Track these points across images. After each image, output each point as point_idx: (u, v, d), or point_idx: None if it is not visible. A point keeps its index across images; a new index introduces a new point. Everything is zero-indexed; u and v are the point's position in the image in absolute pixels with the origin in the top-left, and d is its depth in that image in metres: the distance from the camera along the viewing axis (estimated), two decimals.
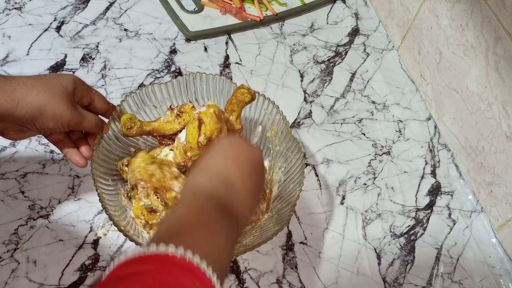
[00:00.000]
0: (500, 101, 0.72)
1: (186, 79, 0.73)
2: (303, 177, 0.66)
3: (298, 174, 0.67)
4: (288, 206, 0.65)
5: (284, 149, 0.71)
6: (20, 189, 0.72)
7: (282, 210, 0.67)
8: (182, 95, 0.74)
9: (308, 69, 0.93)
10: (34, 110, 0.54)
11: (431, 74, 0.88)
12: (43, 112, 0.55)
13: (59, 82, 0.57)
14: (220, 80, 0.73)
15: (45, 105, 0.55)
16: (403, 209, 0.79)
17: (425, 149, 0.86)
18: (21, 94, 0.53)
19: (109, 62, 0.87)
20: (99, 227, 0.70)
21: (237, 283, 0.68)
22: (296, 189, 0.66)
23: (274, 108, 0.71)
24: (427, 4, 0.85)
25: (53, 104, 0.55)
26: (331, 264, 0.72)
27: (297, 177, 0.67)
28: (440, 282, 0.73)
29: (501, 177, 0.74)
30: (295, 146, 0.69)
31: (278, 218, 0.66)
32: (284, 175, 0.70)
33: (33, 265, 0.66)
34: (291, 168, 0.69)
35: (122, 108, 0.69)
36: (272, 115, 0.72)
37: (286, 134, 0.70)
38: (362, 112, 0.89)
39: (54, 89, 0.56)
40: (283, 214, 0.65)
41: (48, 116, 0.55)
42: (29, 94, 0.54)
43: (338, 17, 1.02)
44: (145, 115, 0.73)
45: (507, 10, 0.67)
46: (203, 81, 0.73)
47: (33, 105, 0.54)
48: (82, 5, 0.95)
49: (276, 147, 0.73)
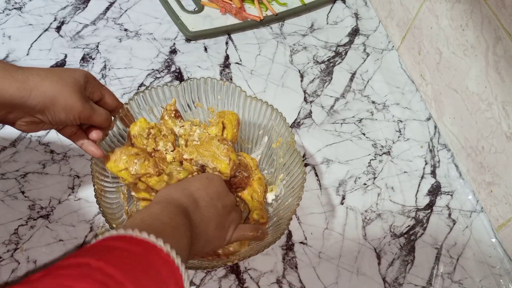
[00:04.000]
0: (500, 101, 0.72)
1: (197, 84, 0.72)
2: (302, 192, 0.65)
3: (298, 189, 0.66)
4: (284, 220, 0.65)
5: (288, 162, 0.70)
6: (20, 189, 0.72)
7: (277, 223, 0.67)
8: (190, 97, 0.73)
9: (308, 69, 0.93)
10: (47, 100, 0.54)
11: (431, 74, 0.88)
12: (55, 102, 0.55)
13: (72, 75, 0.57)
14: (230, 87, 0.72)
15: (57, 95, 0.55)
16: (403, 209, 0.79)
17: (425, 149, 0.86)
18: (34, 84, 0.53)
19: (109, 62, 0.87)
20: (99, 227, 0.70)
21: (237, 283, 0.68)
22: (294, 203, 0.65)
23: (281, 120, 0.71)
24: (427, 4, 0.85)
25: (65, 95, 0.55)
26: (331, 264, 0.72)
27: (297, 191, 0.66)
28: (440, 282, 0.73)
29: (501, 177, 0.74)
30: (298, 160, 0.68)
31: (273, 230, 0.66)
32: (285, 188, 0.70)
33: (33, 265, 0.66)
34: (292, 181, 0.69)
35: (130, 106, 0.69)
36: (279, 126, 0.71)
37: (291, 147, 0.69)
38: (362, 112, 0.89)
39: (66, 81, 0.56)
40: (278, 228, 0.65)
41: (60, 107, 0.55)
42: (42, 84, 0.54)
43: (338, 17, 1.02)
44: (153, 116, 0.73)
45: (507, 10, 0.67)
46: (208, 86, 0.73)
47: (46, 95, 0.54)
48: (82, 5, 0.95)
49: (280, 159, 0.72)
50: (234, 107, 0.74)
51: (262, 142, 0.75)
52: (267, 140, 0.74)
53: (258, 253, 0.61)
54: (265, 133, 0.74)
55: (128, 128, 0.68)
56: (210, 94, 0.73)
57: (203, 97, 0.74)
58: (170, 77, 0.87)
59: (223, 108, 0.74)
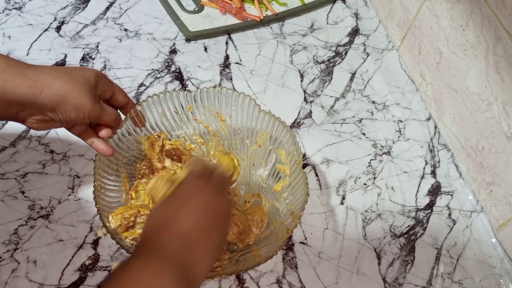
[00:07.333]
0: (500, 101, 0.72)
1: (213, 92, 0.72)
2: (302, 214, 0.64)
3: (299, 210, 0.65)
4: (282, 238, 0.64)
5: (293, 182, 0.69)
6: (20, 189, 0.72)
7: (275, 239, 0.66)
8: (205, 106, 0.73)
9: (308, 69, 0.93)
10: (58, 99, 0.54)
11: (431, 74, 0.88)
12: (66, 101, 0.55)
13: (82, 74, 0.57)
14: (246, 99, 0.72)
15: (68, 94, 0.55)
16: (403, 209, 0.79)
17: (425, 149, 0.86)
18: (45, 82, 0.53)
19: (109, 62, 0.87)
20: (99, 227, 0.70)
21: (237, 283, 0.68)
22: (292, 224, 0.64)
23: (293, 140, 0.69)
24: (427, 4, 0.85)
25: (76, 94, 0.55)
26: (331, 264, 0.72)
27: (297, 211, 0.65)
28: (440, 282, 0.73)
29: (501, 177, 0.74)
30: (302, 182, 0.66)
31: (270, 246, 0.65)
32: (286, 206, 0.69)
33: (33, 265, 0.66)
34: (294, 201, 0.67)
35: (142, 108, 0.69)
36: (288, 143, 0.70)
37: (298, 167, 0.68)
38: (362, 112, 0.89)
39: (77, 80, 0.56)
40: (275, 243, 0.64)
41: (71, 106, 0.56)
42: (53, 82, 0.54)
43: (338, 17, 1.02)
44: (165, 119, 0.73)
45: (507, 10, 0.67)
46: (223, 95, 0.72)
47: (57, 94, 0.54)
48: (82, 5, 0.95)
49: (286, 177, 0.71)
50: (247, 119, 0.73)
51: (270, 158, 0.74)
52: (275, 158, 0.73)
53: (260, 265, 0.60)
54: (273, 151, 0.73)
55: (137, 128, 0.69)
56: (224, 104, 0.73)
57: (216, 105, 0.73)
58: (170, 77, 0.87)
59: (236, 118, 0.73)
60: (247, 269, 0.61)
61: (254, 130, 0.73)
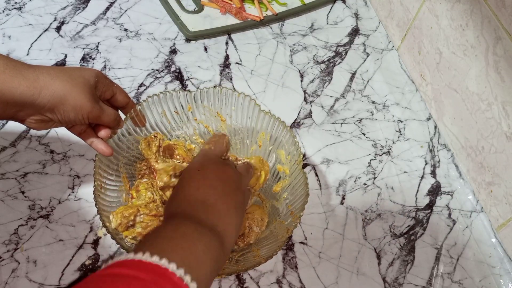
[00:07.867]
0: (500, 101, 0.72)
1: (213, 92, 0.72)
2: (302, 214, 0.64)
3: (299, 210, 0.65)
4: (281, 238, 0.64)
5: (293, 182, 0.69)
6: (20, 189, 0.72)
7: (274, 239, 0.66)
8: (205, 106, 0.73)
9: (308, 69, 0.93)
10: (57, 99, 0.54)
11: (431, 74, 0.88)
12: (65, 102, 0.55)
13: (82, 75, 0.57)
14: (246, 99, 0.71)
15: (67, 95, 0.55)
16: (403, 209, 0.79)
17: (425, 149, 0.86)
18: (44, 83, 0.53)
19: (109, 62, 0.87)
20: (99, 227, 0.70)
21: (237, 283, 0.68)
22: (292, 224, 0.64)
23: (293, 140, 0.69)
24: (427, 4, 0.85)
25: (75, 95, 0.55)
26: (331, 264, 0.72)
27: (297, 211, 0.65)
28: (440, 282, 0.73)
29: (501, 177, 0.74)
30: (302, 182, 0.67)
31: (270, 246, 0.65)
32: (286, 206, 0.69)
33: (33, 265, 0.66)
34: (294, 201, 0.68)
35: (142, 108, 0.69)
36: (288, 143, 0.70)
37: (298, 167, 0.68)
38: (362, 112, 0.89)
39: (76, 81, 0.56)
40: (274, 243, 0.64)
41: (70, 107, 0.56)
42: (52, 83, 0.54)
43: (338, 17, 1.03)
44: (165, 119, 0.73)
45: (507, 10, 0.67)
46: (223, 95, 0.72)
47: (56, 94, 0.54)
48: (82, 5, 0.95)
49: (286, 177, 0.71)
50: (247, 119, 0.73)
51: (270, 158, 0.74)
52: (274, 158, 0.73)
53: (260, 265, 0.61)
54: (273, 151, 0.73)
55: (137, 128, 0.70)
56: (224, 104, 0.73)
57: (216, 105, 0.73)
58: (170, 77, 0.87)
59: (236, 118, 0.73)
60: (247, 269, 0.61)
61: (254, 130, 0.73)
